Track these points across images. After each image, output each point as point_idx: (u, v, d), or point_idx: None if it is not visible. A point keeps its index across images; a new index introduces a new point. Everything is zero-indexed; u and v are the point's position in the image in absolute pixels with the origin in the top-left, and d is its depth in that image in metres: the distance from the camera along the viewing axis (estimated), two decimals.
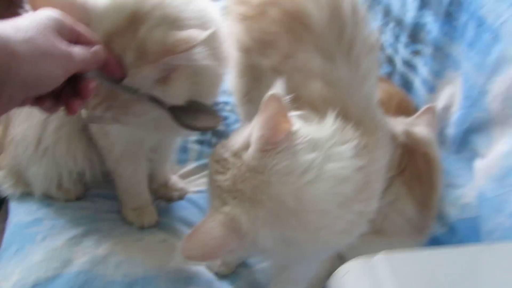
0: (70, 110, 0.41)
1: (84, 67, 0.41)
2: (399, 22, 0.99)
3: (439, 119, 0.82)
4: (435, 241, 0.75)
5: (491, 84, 0.66)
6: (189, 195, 0.85)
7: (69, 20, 0.40)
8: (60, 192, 0.77)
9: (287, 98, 0.44)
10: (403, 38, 0.96)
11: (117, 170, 0.73)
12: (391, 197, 0.64)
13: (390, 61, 1.04)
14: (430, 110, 0.73)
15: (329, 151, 0.44)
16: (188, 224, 0.80)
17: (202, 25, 0.50)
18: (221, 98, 1.00)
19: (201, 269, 0.72)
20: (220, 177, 0.45)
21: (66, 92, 0.41)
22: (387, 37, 1.06)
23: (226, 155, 0.46)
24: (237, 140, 0.46)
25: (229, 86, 0.70)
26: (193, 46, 0.45)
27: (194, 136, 0.97)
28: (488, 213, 0.64)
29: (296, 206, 0.43)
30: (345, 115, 0.48)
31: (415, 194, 0.66)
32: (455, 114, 0.77)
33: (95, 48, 0.42)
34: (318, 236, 0.45)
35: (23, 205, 0.77)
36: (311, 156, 0.43)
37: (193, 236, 0.42)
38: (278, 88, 0.43)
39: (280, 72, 0.51)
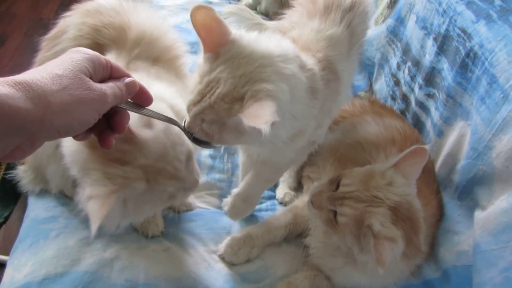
0: (105, 144, 0.43)
1: (118, 102, 0.42)
2: (417, 63, 1.01)
3: (444, 164, 0.84)
4: (427, 286, 0.76)
5: (497, 141, 0.67)
6: (197, 209, 0.89)
7: (101, 57, 0.42)
8: (75, 192, 0.82)
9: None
10: (419, 79, 0.98)
11: None
12: None
13: (405, 98, 1.07)
14: (421, 152, 0.68)
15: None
16: (194, 235, 0.83)
17: None
18: None
19: (201, 279, 0.75)
20: None
21: (100, 125, 0.42)
22: (404, 75, 1.08)
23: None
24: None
25: None
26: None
27: (206, 151, 1.00)
28: (481, 266, 0.65)
29: None
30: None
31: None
32: (461, 162, 0.78)
33: (129, 80, 0.44)
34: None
35: (41, 201, 0.82)
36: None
37: None
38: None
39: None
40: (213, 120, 0.53)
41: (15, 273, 0.70)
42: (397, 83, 1.12)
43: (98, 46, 0.71)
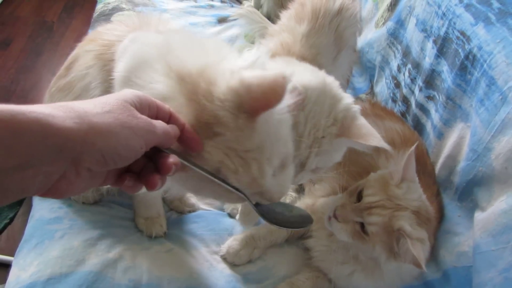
0: (149, 185, 0.38)
1: (166, 140, 0.39)
2: (417, 65, 1.02)
3: (444, 166, 0.85)
4: (428, 287, 0.77)
5: (496, 142, 0.68)
6: (199, 210, 0.90)
7: (148, 97, 0.39)
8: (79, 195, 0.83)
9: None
10: (419, 82, 0.99)
11: None
12: None
13: (406, 100, 1.07)
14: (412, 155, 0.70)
15: None
16: (196, 236, 0.84)
17: None
18: None
19: (203, 280, 0.76)
20: None
21: (147, 169, 0.39)
22: (404, 77, 1.09)
23: None
24: None
25: None
26: None
27: None
28: (481, 266, 0.65)
29: None
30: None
31: None
32: (461, 164, 0.79)
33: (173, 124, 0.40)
34: None
35: (46, 202, 0.83)
36: None
37: None
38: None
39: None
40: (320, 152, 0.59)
41: (21, 272, 0.71)
42: (397, 85, 1.13)
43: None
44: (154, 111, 0.39)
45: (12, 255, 0.78)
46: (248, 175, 0.43)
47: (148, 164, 0.39)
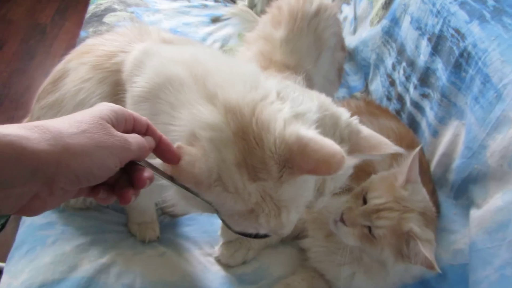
0: (123, 200, 0.38)
1: (141, 154, 0.39)
2: (411, 63, 1.01)
3: (440, 163, 0.85)
4: (424, 285, 0.77)
5: (491, 140, 0.68)
6: (192, 213, 0.89)
7: (125, 110, 0.39)
8: (71, 199, 0.82)
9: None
10: (414, 80, 0.99)
11: None
12: None
13: (401, 98, 1.07)
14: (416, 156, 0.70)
15: None
16: (189, 239, 0.83)
17: None
18: None
19: (197, 282, 0.75)
20: None
21: (121, 182, 0.39)
22: (399, 76, 1.08)
23: None
24: None
25: None
26: None
27: None
28: (477, 264, 0.65)
29: None
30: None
31: None
32: (456, 161, 0.78)
33: (155, 132, 0.41)
34: None
35: None
36: None
37: None
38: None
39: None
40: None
41: (12, 280, 0.70)
42: (392, 83, 1.13)
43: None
44: (131, 124, 0.40)
45: (4, 261, 0.77)
46: (277, 220, 0.45)
47: (122, 177, 0.39)
